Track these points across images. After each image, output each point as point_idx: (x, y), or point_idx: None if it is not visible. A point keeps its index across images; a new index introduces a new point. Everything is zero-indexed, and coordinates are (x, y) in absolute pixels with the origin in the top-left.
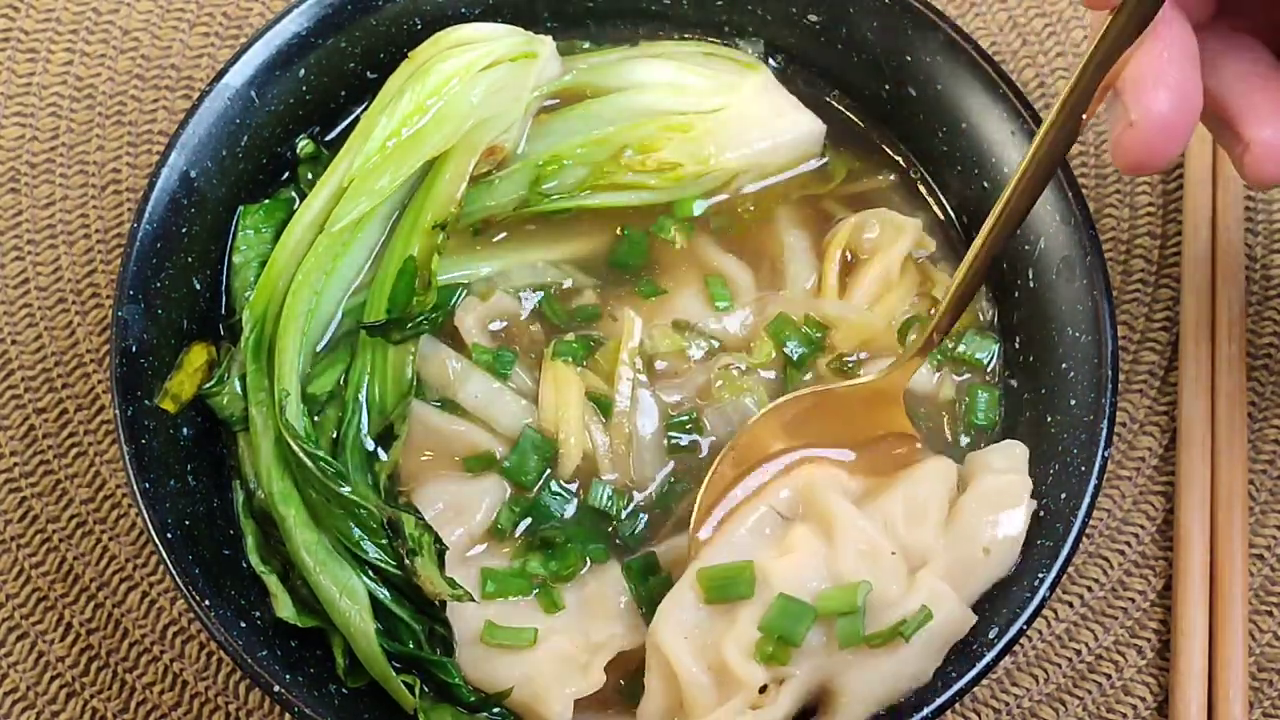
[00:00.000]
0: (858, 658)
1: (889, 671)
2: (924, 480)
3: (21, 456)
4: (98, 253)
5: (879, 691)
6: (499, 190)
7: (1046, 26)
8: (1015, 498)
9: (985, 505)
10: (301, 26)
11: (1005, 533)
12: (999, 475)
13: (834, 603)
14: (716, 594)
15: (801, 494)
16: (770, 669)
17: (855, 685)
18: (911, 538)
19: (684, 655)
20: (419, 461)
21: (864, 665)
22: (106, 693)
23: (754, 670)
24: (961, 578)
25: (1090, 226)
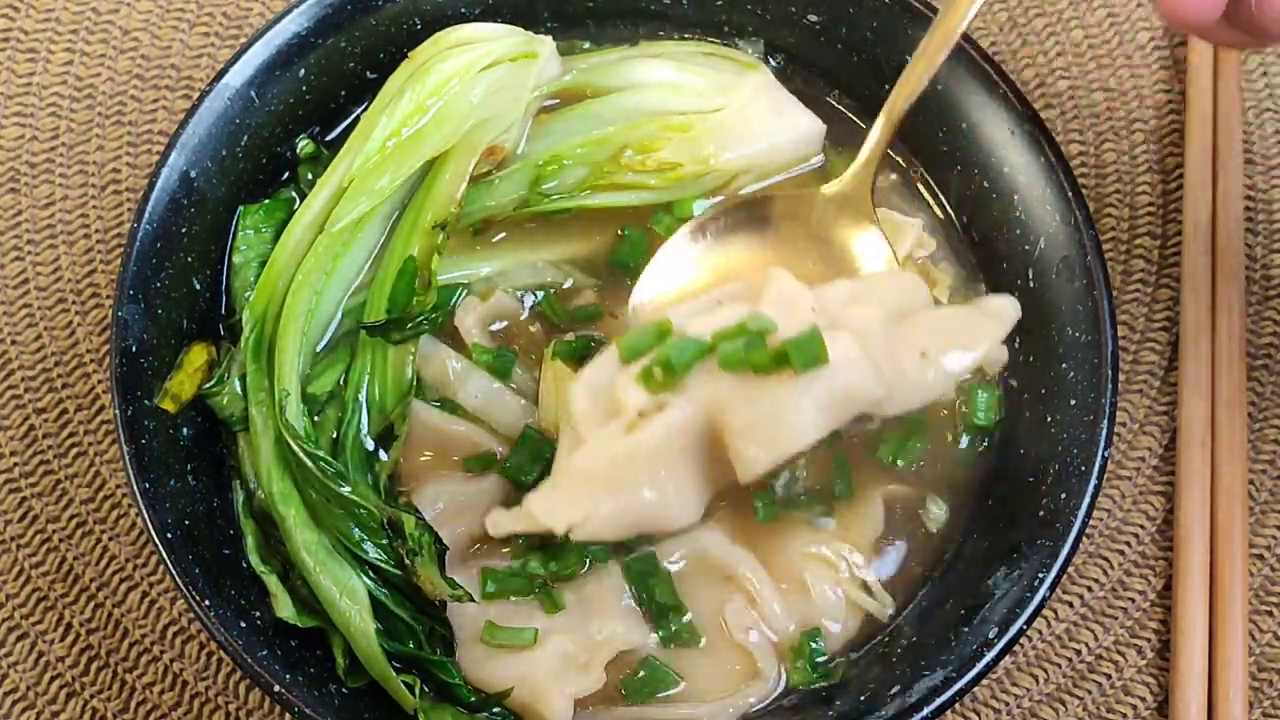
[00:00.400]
0: (744, 392)
1: (772, 404)
2: (881, 278)
3: (21, 456)
4: (98, 253)
5: (764, 428)
6: (499, 190)
7: (1046, 26)
8: (980, 339)
9: (946, 323)
10: (301, 26)
11: (952, 355)
12: (979, 313)
13: (727, 333)
14: (630, 352)
15: (747, 286)
16: (652, 395)
17: (737, 420)
18: (847, 312)
19: (583, 401)
20: (419, 461)
21: (748, 399)
22: (106, 693)
23: (634, 393)
24: (886, 364)
25: (1090, 226)
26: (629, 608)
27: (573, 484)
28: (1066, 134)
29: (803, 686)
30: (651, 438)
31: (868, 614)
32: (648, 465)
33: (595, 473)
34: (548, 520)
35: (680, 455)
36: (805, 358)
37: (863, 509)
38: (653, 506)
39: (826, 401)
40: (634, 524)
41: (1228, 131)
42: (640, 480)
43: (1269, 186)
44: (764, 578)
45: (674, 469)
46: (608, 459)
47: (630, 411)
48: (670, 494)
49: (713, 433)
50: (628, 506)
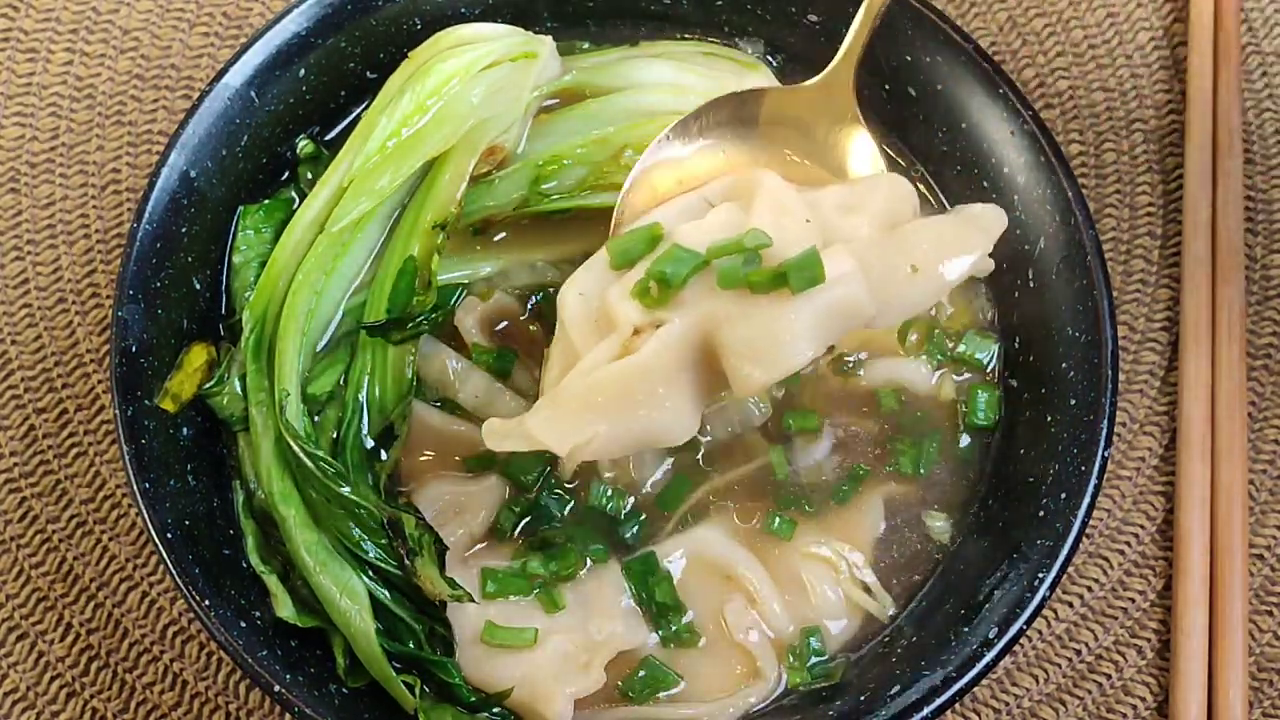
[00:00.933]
0: (740, 309)
1: (768, 322)
2: (870, 184)
3: (21, 456)
4: (98, 253)
5: (760, 346)
6: (499, 190)
7: (1046, 26)
8: (968, 248)
9: (935, 234)
10: (301, 26)
11: (941, 267)
12: (966, 223)
13: (724, 249)
14: (621, 258)
15: (736, 182)
16: (647, 311)
17: (733, 338)
18: (839, 221)
19: (574, 307)
20: (419, 461)
21: (745, 316)
22: (106, 693)
23: (629, 309)
24: (878, 279)
25: (1090, 226)
26: (629, 608)
27: (571, 404)
28: (1066, 134)
29: (803, 686)
30: (648, 356)
31: (868, 614)
32: (645, 383)
33: (593, 393)
34: (548, 442)
35: (676, 371)
36: (803, 278)
37: (863, 509)
38: (651, 423)
39: (823, 319)
40: (633, 441)
41: (1228, 131)
42: (638, 398)
43: (1269, 186)
44: (764, 577)
45: (670, 386)
46: (605, 379)
47: (625, 328)
48: (668, 410)
49: (708, 347)
50: (627, 426)
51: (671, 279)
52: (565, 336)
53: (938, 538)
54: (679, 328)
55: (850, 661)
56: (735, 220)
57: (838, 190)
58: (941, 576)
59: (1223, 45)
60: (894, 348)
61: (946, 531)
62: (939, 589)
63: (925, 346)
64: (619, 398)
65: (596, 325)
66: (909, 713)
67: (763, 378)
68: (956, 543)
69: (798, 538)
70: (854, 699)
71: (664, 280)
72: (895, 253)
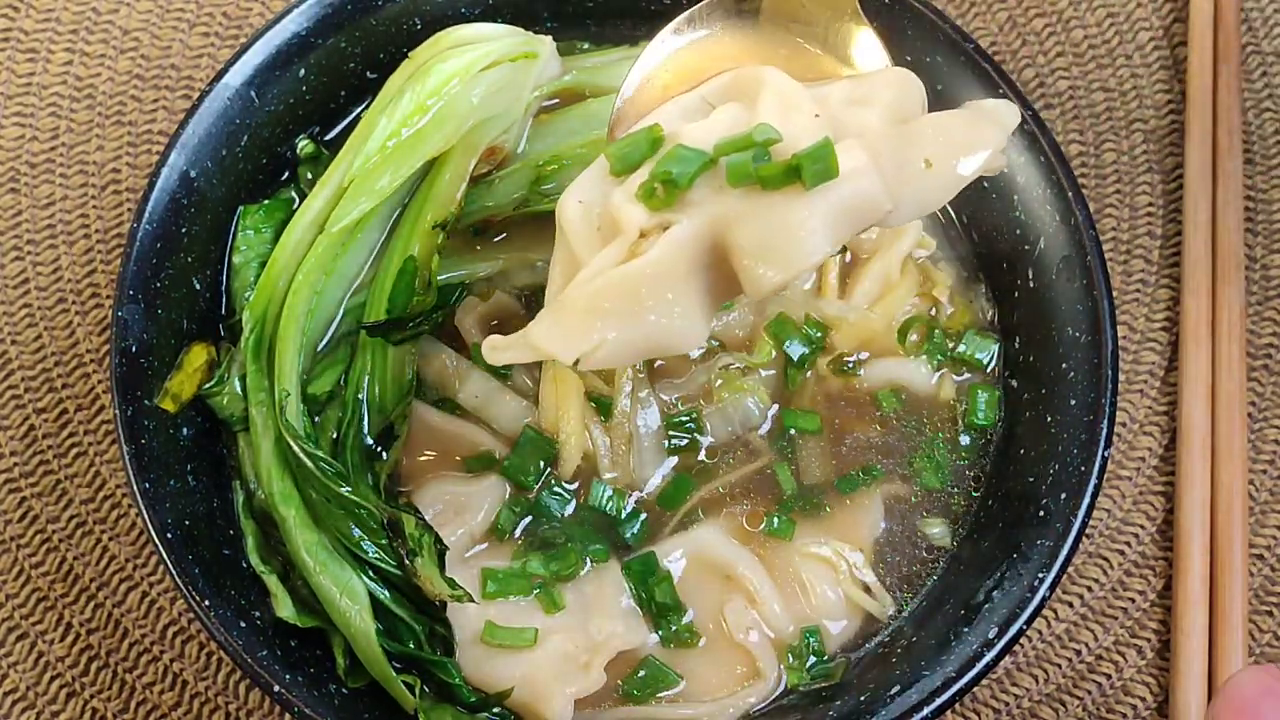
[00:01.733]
0: (750, 208)
1: (781, 221)
2: (879, 78)
3: (21, 456)
4: (98, 253)
5: (773, 245)
6: (499, 190)
7: (1046, 26)
8: (982, 143)
9: (949, 128)
10: (301, 26)
11: (955, 161)
12: (979, 118)
13: (731, 145)
14: (621, 163)
15: (734, 78)
16: (654, 213)
17: (745, 238)
18: (848, 115)
19: (574, 215)
20: (419, 461)
21: (755, 215)
22: (106, 693)
23: (635, 212)
24: (891, 174)
25: (1090, 226)
26: (629, 608)
27: (577, 312)
28: (1066, 134)
29: (803, 686)
30: (657, 259)
31: (868, 614)
32: (654, 288)
33: (599, 298)
34: (554, 350)
35: (686, 275)
36: (816, 171)
37: (863, 509)
38: (661, 329)
39: (838, 214)
40: (642, 349)
41: (1228, 131)
42: (647, 304)
43: (1269, 186)
44: (764, 577)
45: (680, 290)
46: (612, 283)
47: (631, 232)
48: (677, 316)
49: (717, 249)
50: (635, 332)
51: (678, 179)
52: (566, 246)
53: (937, 538)
54: (688, 229)
55: (850, 661)
56: (740, 119)
57: (845, 84)
58: (941, 576)
59: (1223, 45)
60: (894, 348)
61: (946, 532)
62: (939, 589)
63: (925, 346)
64: (627, 302)
65: (599, 232)
66: (909, 713)
67: (777, 277)
68: (956, 543)
69: (798, 538)
70: (854, 699)
71: (670, 181)
72: (908, 146)
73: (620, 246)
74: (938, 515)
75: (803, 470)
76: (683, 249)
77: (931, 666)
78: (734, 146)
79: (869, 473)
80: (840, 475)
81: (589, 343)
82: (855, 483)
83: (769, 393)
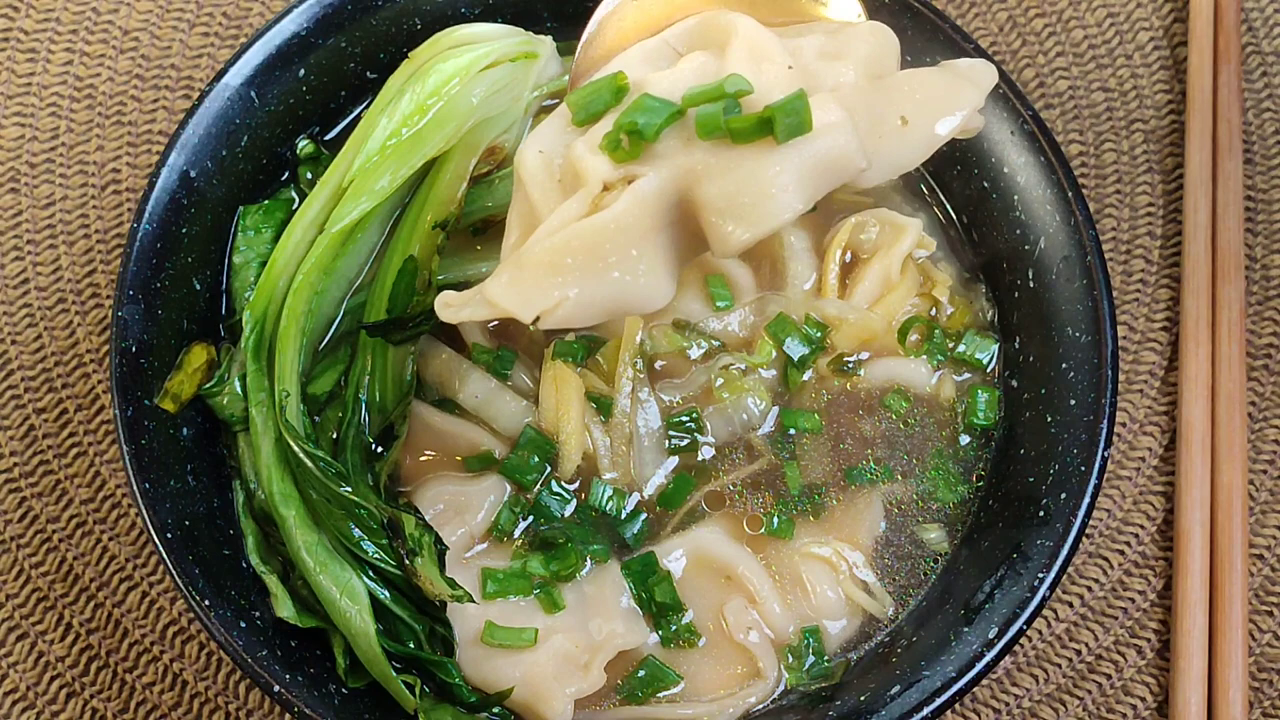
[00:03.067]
0: (720, 162)
1: (752, 174)
2: (854, 30)
3: (21, 456)
4: (98, 253)
5: (743, 201)
6: (499, 190)
7: (1046, 26)
8: (960, 102)
9: (925, 85)
10: (301, 26)
11: (933, 120)
12: (957, 77)
13: (701, 96)
14: (584, 112)
15: (702, 23)
16: (619, 165)
17: (713, 193)
18: (822, 67)
19: (534, 165)
20: (419, 461)
21: (725, 169)
22: (106, 693)
23: (598, 163)
24: (866, 130)
25: (1090, 226)
26: (629, 608)
27: (537, 267)
28: (1066, 134)
29: (802, 687)
30: (621, 214)
31: (868, 614)
32: (617, 243)
33: (561, 254)
34: (512, 308)
35: (651, 231)
36: (789, 125)
37: (863, 509)
38: (625, 287)
39: (810, 171)
40: (604, 308)
41: (1228, 132)
42: (610, 260)
43: (1269, 186)
44: (764, 577)
45: (645, 246)
46: (573, 238)
47: (594, 184)
48: (642, 273)
49: (684, 204)
50: (598, 289)
51: (645, 130)
52: (525, 198)
53: (937, 538)
54: (654, 182)
55: (850, 662)
56: (709, 68)
57: (819, 37)
58: (941, 576)
59: (1223, 45)
60: (894, 348)
61: (946, 532)
62: (939, 589)
63: (925, 346)
64: (590, 258)
65: (560, 184)
66: (909, 713)
67: (745, 235)
68: (956, 543)
69: (798, 538)
70: (854, 699)
71: (636, 132)
72: (884, 102)
73: (583, 200)
74: (937, 516)
75: (803, 470)
76: (648, 203)
77: (931, 667)
78: (704, 97)
79: (869, 473)
80: (840, 475)
81: (549, 300)
82: (855, 482)
83: (769, 393)
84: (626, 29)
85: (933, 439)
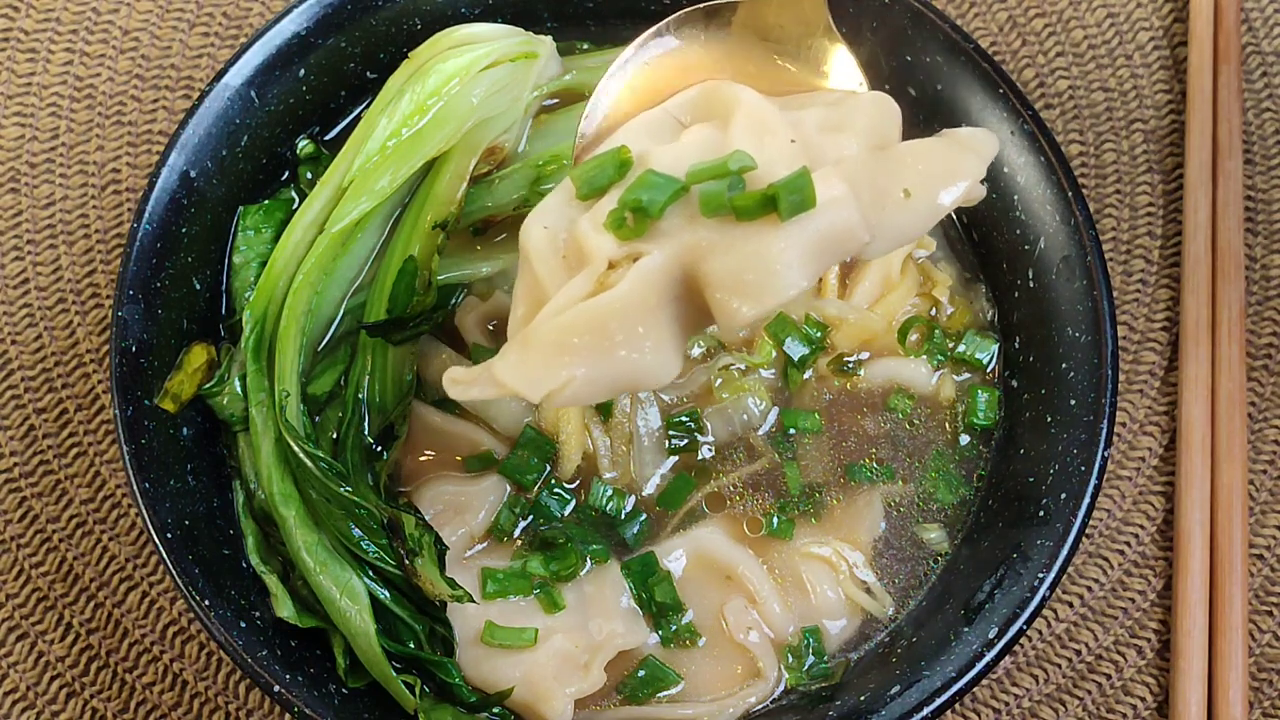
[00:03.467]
0: (724, 239)
1: (756, 252)
2: (855, 102)
3: (21, 456)
4: (98, 253)
5: (748, 278)
6: (499, 190)
7: (1046, 26)
8: (962, 173)
9: (927, 157)
10: (301, 26)
11: (935, 192)
12: (959, 146)
13: (704, 173)
14: (588, 187)
15: (704, 94)
16: (623, 243)
17: (718, 270)
18: (824, 140)
19: (539, 241)
20: (419, 461)
21: (729, 246)
22: (106, 693)
23: (603, 242)
24: (870, 204)
25: (1090, 226)
26: (629, 608)
27: (543, 347)
28: (1066, 134)
29: (802, 687)
30: (627, 293)
31: (868, 614)
32: (625, 321)
33: (567, 333)
34: (520, 388)
35: (657, 308)
36: (793, 202)
37: (863, 510)
38: (632, 364)
39: (815, 246)
40: (611, 386)
41: (1228, 131)
42: (616, 339)
43: (1269, 186)
44: (764, 577)
45: (651, 323)
46: (580, 318)
47: (599, 263)
48: (649, 350)
49: (688, 280)
50: (605, 368)
51: (649, 207)
52: (530, 273)
53: (937, 539)
54: (659, 260)
55: (850, 662)
56: (713, 141)
57: (820, 110)
58: (941, 576)
59: (1223, 45)
60: (894, 348)
61: (946, 532)
62: (939, 589)
63: (925, 346)
64: (596, 337)
65: (565, 261)
66: (909, 713)
67: (751, 312)
68: (956, 543)
69: (798, 538)
70: (854, 699)
71: (640, 209)
72: (886, 175)
73: (588, 278)
74: (937, 516)
75: (803, 470)
76: (653, 281)
77: (931, 667)
78: (708, 174)
79: (869, 473)
80: (840, 475)
81: (556, 380)
82: (855, 482)
83: (769, 393)
84: (630, 99)
85: (933, 439)
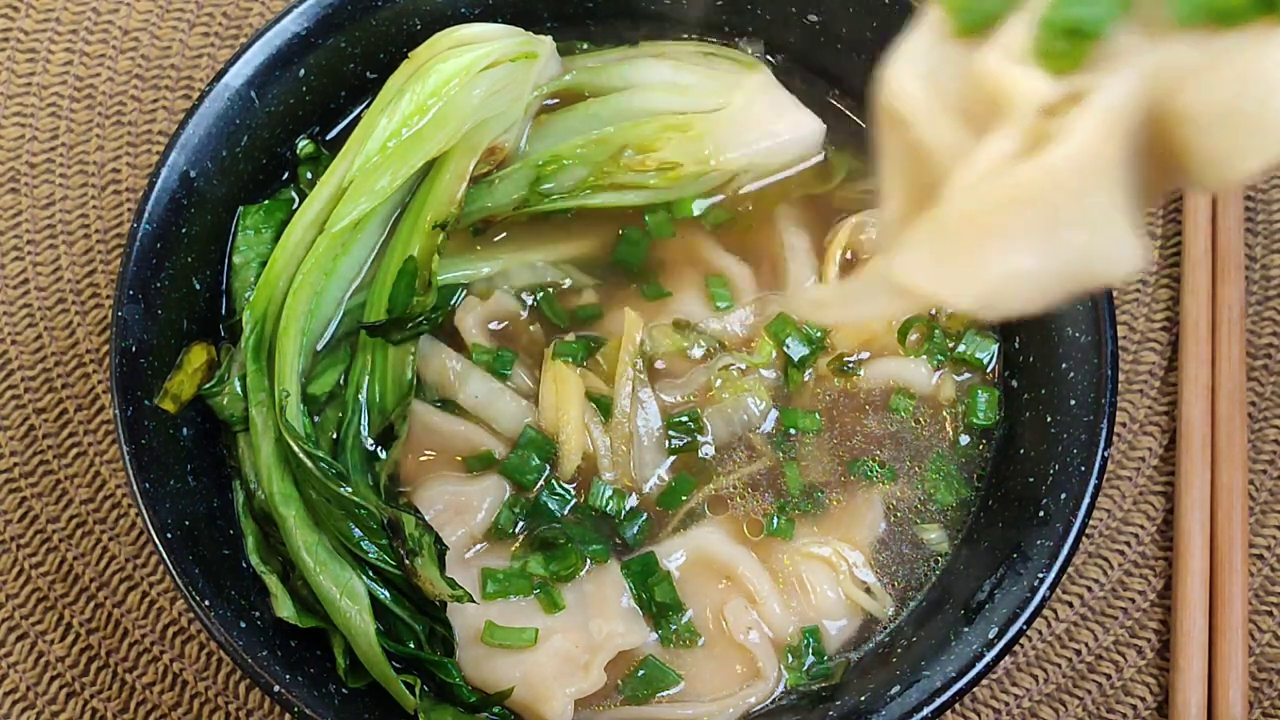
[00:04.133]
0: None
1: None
2: None
3: (21, 456)
4: (98, 253)
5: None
6: (499, 190)
7: None
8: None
9: None
10: (301, 26)
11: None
12: None
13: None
14: (969, 15)
15: None
16: (1060, 78)
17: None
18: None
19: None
20: (419, 461)
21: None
22: (106, 693)
23: (1031, 81)
24: None
25: None
26: (629, 608)
27: (969, 231)
28: None
29: (802, 687)
30: (1082, 145)
31: (868, 614)
32: (1073, 190)
33: (999, 212)
34: (941, 290)
35: (1115, 167)
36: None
37: (863, 510)
38: (1090, 251)
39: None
40: (1062, 281)
41: None
42: (1062, 214)
43: (1269, 186)
44: (764, 577)
45: (1107, 190)
46: (1018, 188)
47: (1027, 109)
48: (1104, 230)
49: (1153, 123)
50: (1057, 256)
51: (1089, 23)
52: (906, 146)
53: (937, 538)
54: (1120, 94)
55: (850, 662)
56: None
57: None
58: (941, 577)
59: None
60: (894, 348)
61: (946, 532)
62: (939, 589)
63: (925, 346)
64: (1041, 214)
65: (966, 114)
66: (909, 713)
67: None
68: (956, 543)
69: (798, 538)
70: (854, 699)
71: (1077, 28)
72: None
73: (1013, 133)
74: (937, 516)
75: (803, 470)
76: (1115, 128)
77: (931, 667)
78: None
79: (869, 473)
80: (840, 475)
81: (992, 276)
82: (855, 481)
83: (769, 393)
84: None
85: (933, 439)
